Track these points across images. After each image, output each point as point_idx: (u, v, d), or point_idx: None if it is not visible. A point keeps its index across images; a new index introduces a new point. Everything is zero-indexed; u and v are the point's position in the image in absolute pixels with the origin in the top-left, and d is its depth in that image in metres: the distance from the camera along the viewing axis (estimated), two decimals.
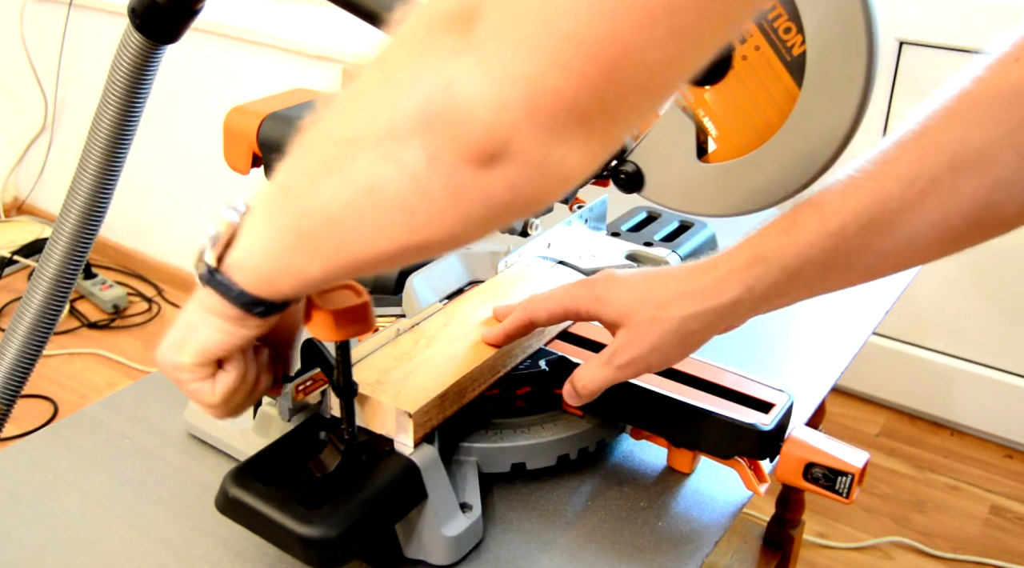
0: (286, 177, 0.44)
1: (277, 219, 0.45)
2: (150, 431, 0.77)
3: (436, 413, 0.63)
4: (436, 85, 0.35)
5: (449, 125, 0.35)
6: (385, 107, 0.37)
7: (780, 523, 1.29)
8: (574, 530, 0.67)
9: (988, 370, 1.94)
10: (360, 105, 0.39)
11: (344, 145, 0.39)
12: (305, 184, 0.42)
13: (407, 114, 0.36)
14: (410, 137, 0.36)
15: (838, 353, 0.89)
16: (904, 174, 0.53)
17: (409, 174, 0.37)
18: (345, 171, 0.39)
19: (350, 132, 0.39)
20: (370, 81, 0.39)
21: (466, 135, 0.35)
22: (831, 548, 1.68)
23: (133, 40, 0.81)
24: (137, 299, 2.53)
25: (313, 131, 0.42)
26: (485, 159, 0.35)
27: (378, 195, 0.39)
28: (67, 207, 0.89)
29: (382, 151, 0.37)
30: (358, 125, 0.39)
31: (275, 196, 0.45)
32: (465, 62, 0.34)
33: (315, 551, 0.55)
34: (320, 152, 0.41)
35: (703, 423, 0.66)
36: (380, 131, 0.37)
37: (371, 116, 0.38)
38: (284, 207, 0.44)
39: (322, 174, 0.41)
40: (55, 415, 2.05)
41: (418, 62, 0.36)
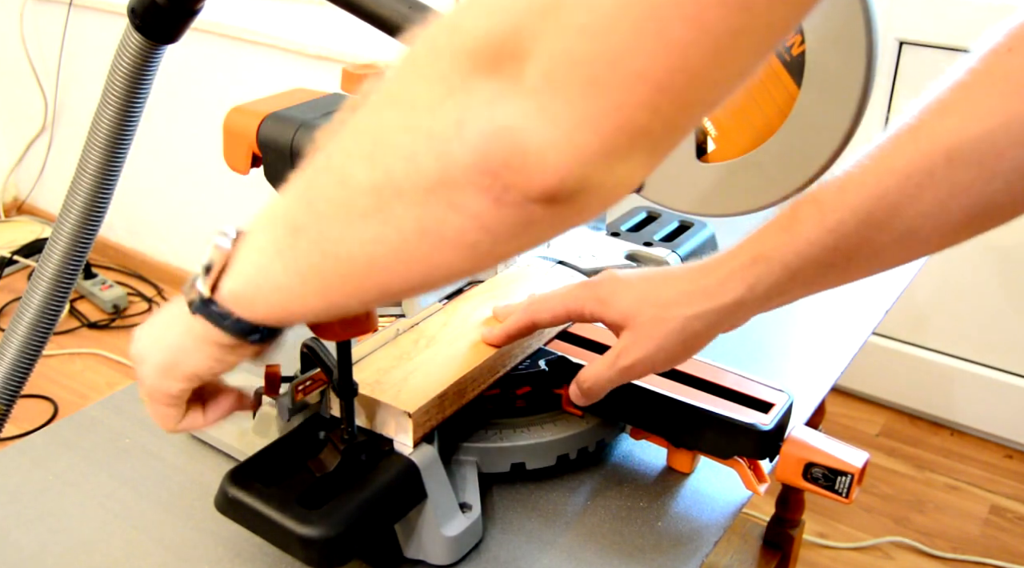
0: (296, 217, 0.42)
1: (292, 261, 0.43)
2: (150, 431, 0.77)
3: (436, 413, 0.63)
4: (493, 134, 0.33)
5: (517, 173, 0.34)
6: (429, 156, 0.35)
7: (780, 523, 1.29)
8: (574, 530, 0.67)
9: (988, 370, 1.94)
10: (388, 151, 0.36)
11: (379, 194, 0.37)
12: (328, 229, 0.40)
13: (463, 164, 0.34)
14: (469, 185, 0.35)
15: (838, 353, 0.89)
16: (901, 168, 0.53)
17: (471, 215, 0.36)
18: (386, 218, 0.37)
19: (382, 180, 0.37)
20: (392, 124, 0.36)
21: (537, 180, 0.34)
22: (831, 548, 1.68)
23: (133, 40, 0.81)
24: (137, 299, 2.53)
25: (323, 174, 0.40)
26: (559, 198, 0.34)
27: (432, 237, 0.37)
28: (67, 207, 0.89)
29: (434, 198, 0.36)
30: (393, 174, 0.36)
31: (285, 236, 0.43)
32: (522, 108, 0.32)
33: (315, 551, 0.55)
34: (343, 198, 0.39)
35: (703, 423, 0.66)
36: (428, 180, 0.35)
37: (411, 165, 0.36)
38: (302, 250, 0.42)
39: (352, 221, 0.39)
40: (55, 415, 2.05)
41: (455, 106, 0.34)
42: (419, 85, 0.35)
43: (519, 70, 0.32)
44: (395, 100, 0.37)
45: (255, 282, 0.46)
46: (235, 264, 0.47)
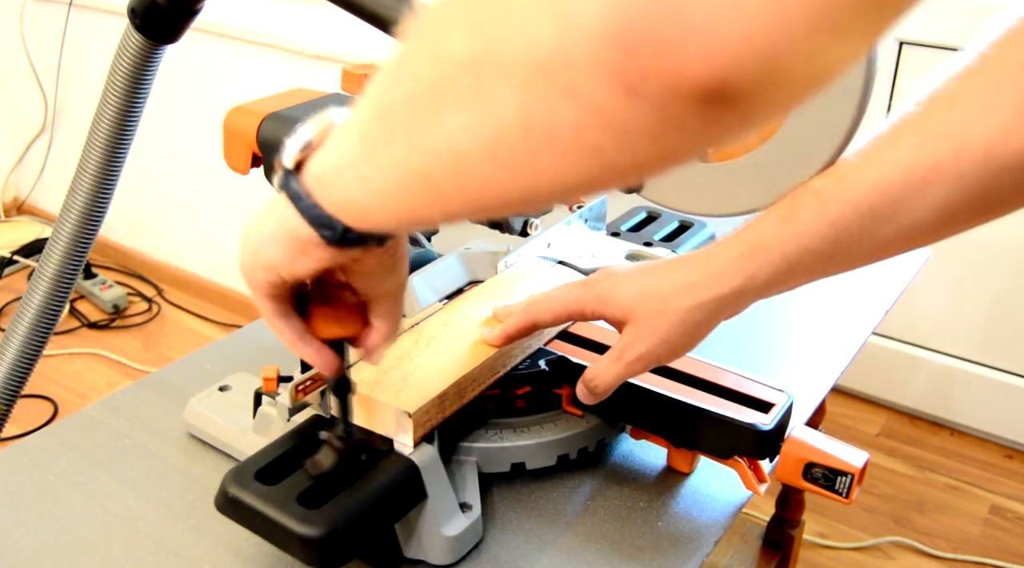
0: (384, 98, 0.36)
1: (375, 150, 0.37)
2: (150, 431, 0.77)
3: (436, 413, 0.63)
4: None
5: (663, 53, 0.24)
6: (543, 20, 0.27)
7: (780, 523, 1.29)
8: (574, 530, 0.67)
9: (988, 370, 1.94)
10: (492, 12, 0.29)
11: (476, 71, 0.30)
12: (415, 115, 0.34)
13: (588, 32, 0.26)
14: (593, 64, 0.26)
15: (838, 353, 0.89)
16: (905, 161, 0.52)
17: (592, 108, 0.27)
18: (483, 104, 0.30)
19: (482, 52, 0.29)
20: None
21: (694, 66, 0.24)
22: (831, 548, 1.68)
23: (133, 40, 0.82)
24: (137, 299, 2.53)
25: (416, 45, 0.33)
26: (724, 95, 0.25)
27: (539, 133, 0.29)
28: (67, 207, 0.89)
29: (545, 79, 0.28)
30: (497, 44, 0.29)
31: (372, 119, 0.37)
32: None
33: (315, 551, 0.55)
34: (433, 76, 0.32)
35: (703, 423, 0.66)
36: (539, 54, 0.27)
37: (519, 33, 0.28)
38: (385, 137, 0.36)
39: (443, 105, 0.32)
40: (55, 415, 2.05)
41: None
42: None
43: None
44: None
45: (337, 166, 0.41)
46: (325, 147, 0.42)
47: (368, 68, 0.80)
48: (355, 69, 0.79)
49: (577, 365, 0.69)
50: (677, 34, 0.24)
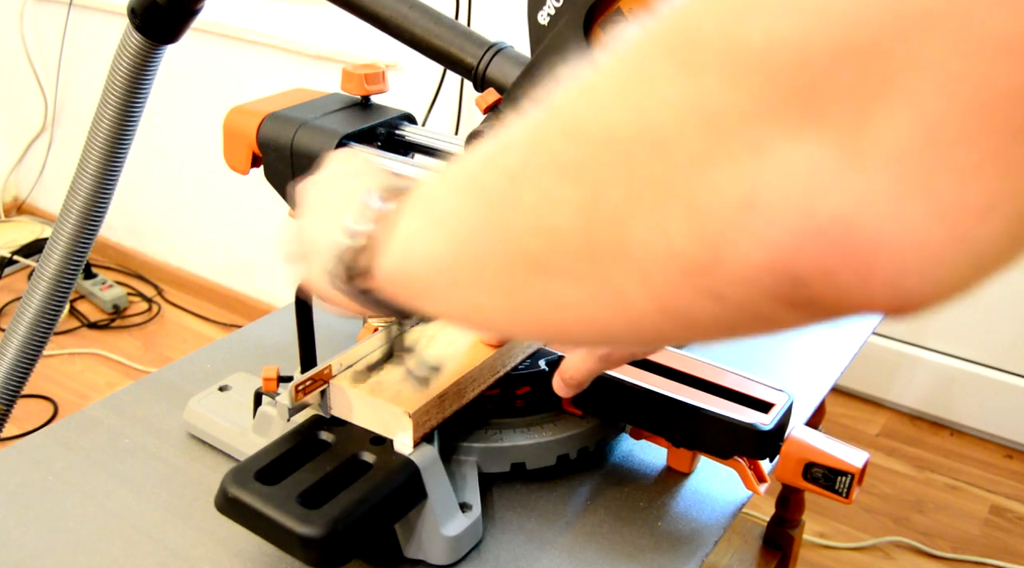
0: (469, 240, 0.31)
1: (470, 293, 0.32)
2: (150, 431, 0.77)
3: (435, 413, 0.63)
4: (811, 230, 0.20)
5: (842, 285, 0.21)
6: (687, 235, 0.23)
7: (780, 523, 1.29)
8: (574, 530, 0.67)
9: (988, 370, 1.94)
10: (622, 211, 0.24)
11: (601, 261, 0.26)
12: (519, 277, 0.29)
13: (748, 263, 0.22)
14: (752, 287, 0.23)
15: (838, 353, 0.89)
16: None
17: (740, 309, 0.24)
18: (604, 286, 0.26)
19: (612, 244, 0.25)
20: (622, 160, 0.24)
21: (878, 295, 0.21)
22: (831, 548, 1.68)
23: (133, 40, 0.82)
24: (137, 299, 2.53)
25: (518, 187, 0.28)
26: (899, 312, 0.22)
27: (673, 318, 0.26)
28: (67, 207, 0.89)
29: (689, 284, 0.24)
30: (629, 244, 0.25)
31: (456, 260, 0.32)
32: (870, 186, 0.19)
33: (315, 551, 0.55)
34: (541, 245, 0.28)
35: (703, 423, 0.66)
36: (682, 263, 0.24)
37: (656, 236, 0.24)
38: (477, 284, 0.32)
39: (552, 278, 0.28)
40: (55, 415, 2.05)
41: (740, 171, 0.21)
42: (667, 109, 0.22)
43: (866, 121, 0.19)
44: (618, 122, 0.24)
45: (414, 285, 0.36)
46: (397, 244, 0.37)
47: (368, 68, 0.80)
48: (355, 69, 0.79)
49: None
50: (861, 278, 0.21)
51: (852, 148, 0.19)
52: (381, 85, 0.80)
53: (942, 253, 0.20)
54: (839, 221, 0.20)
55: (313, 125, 0.76)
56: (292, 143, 0.75)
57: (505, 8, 1.69)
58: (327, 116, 0.77)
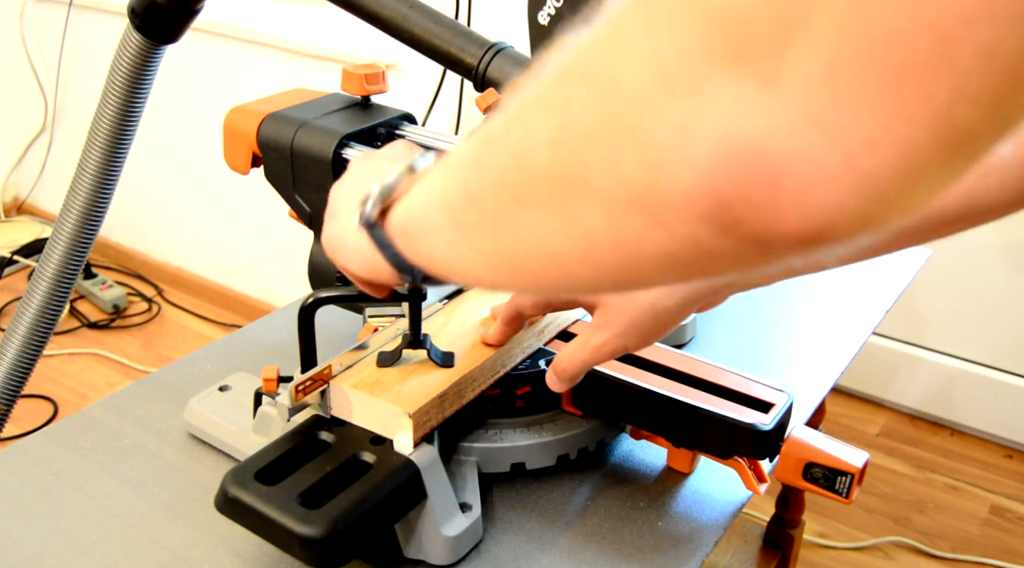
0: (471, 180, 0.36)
1: (462, 225, 0.37)
2: (150, 431, 0.77)
3: (435, 413, 0.63)
4: (732, 153, 0.24)
5: (760, 207, 0.24)
6: (633, 163, 0.26)
7: (780, 523, 1.29)
8: (574, 530, 0.67)
9: (988, 370, 1.94)
10: (578, 140, 0.28)
11: (563, 189, 0.30)
12: (502, 209, 0.34)
13: (682, 185, 0.25)
14: (687, 210, 0.26)
15: (838, 353, 0.89)
16: None
17: (683, 238, 0.27)
18: (571, 217, 0.30)
19: (569, 174, 0.29)
20: (585, 105, 0.28)
21: (791, 219, 0.24)
22: (831, 548, 1.68)
23: (133, 40, 0.82)
24: (137, 299, 2.53)
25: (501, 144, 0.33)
26: (817, 239, 0.25)
27: (628, 249, 0.29)
28: (67, 207, 0.89)
29: (635, 211, 0.28)
30: (584, 170, 0.28)
31: (459, 198, 0.37)
32: (783, 117, 0.23)
33: (315, 551, 0.55)
34: (519, 181, 0.32)
35: (703, 423, 0.66)
36: (629, 191, 0.27)
37: (608, 166, 0.27)
38: (474, 222, 0.36)
39: (530, 208, 0.32)
40: (55, 415, 2.05)
41: (677, 105, 0.25)
42: (623, 59, 0.26)
43: (777, 60, 0.22)
44: (589, 73, 0.27)
45: (423, 225, 0.41)
46: (409, 198, 0.43)
47: (368, 68, 0.80)
48: (355, 69, 0.79)
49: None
50: (771, 196, 0.24)
51: (767, 82, 0.22)
52: (381, 85, 0.80)
53: (838, 177, 0.22)
54: (753, 146, 0.23)
55: (313, 125, 0.76)
56: (292, 143, 0.75)
57: (505, 8, 1.69)
58: (327, 116, 0.77)
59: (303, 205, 0.78)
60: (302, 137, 0.75)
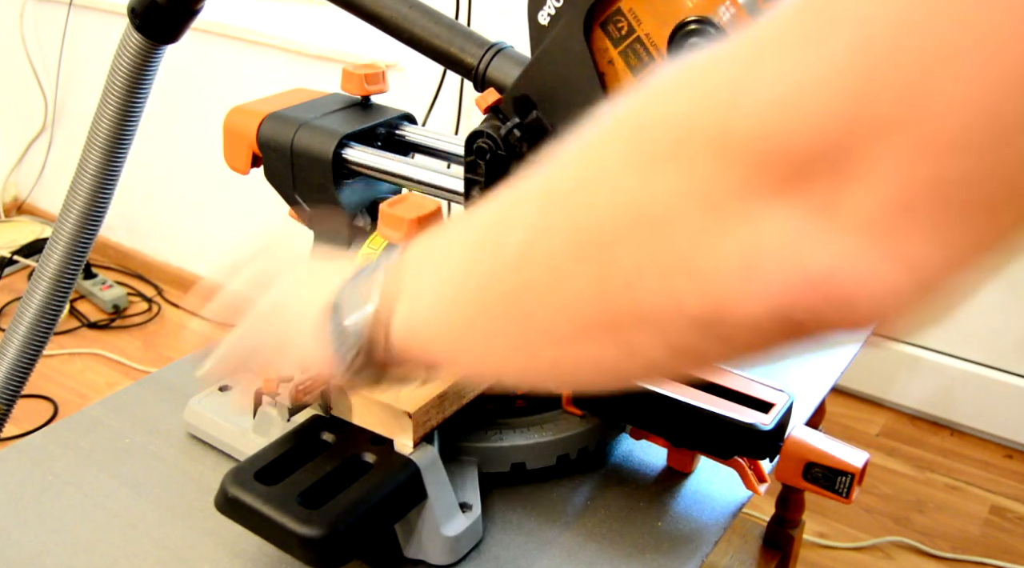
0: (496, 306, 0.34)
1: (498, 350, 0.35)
2: (150, 431, 0.77)
3: (436, 413, 0.63)
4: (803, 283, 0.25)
5: (828, 322, 0.26)
6: (695, 297, 0.27)
7: (780, 523, 1.29)
8: (574, 530, 0.67)
9: (988, 370, 1.94)
10: (625, 276, 0.28)
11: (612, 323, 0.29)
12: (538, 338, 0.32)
13: (752, 315, 0.26)
14: (755, 330, 0.27)
15: (838, 353, 0.89)
16: None
17: (746, 346, 0.28)
18: (621, 345, 0.30)
19: (623, 306, 0.29)
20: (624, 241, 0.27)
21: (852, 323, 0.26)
22: (831, 548, 1.68)
23: (133, 40, 0.82)
24: (137, 299, 2.53)
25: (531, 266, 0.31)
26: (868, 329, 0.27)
27: (686, 357, 0.30)
28: (67, 207, 0.89)
29: (699, 332, 0.28)
30: (636, 304, 0.28)
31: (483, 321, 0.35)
32: (850, 247, 0.23)
33: (315, 551, 0.55)
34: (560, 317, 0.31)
35: (703, 423, 0.66)
36: (692, 318, 0.27)
37: (666, 300, 0.27)
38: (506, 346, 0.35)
39: (571, 339, 0.31)
40: (55, 415, 2.05)
41: (736, 239, 0.25)
42: (662, 188, 0.26)
43: (835, 187, 0.23)
44: (624, 204, 0.27)
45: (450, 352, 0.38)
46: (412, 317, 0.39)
47: (368, 68, 0.80)
48: (355, 69, 0.79)
49: None
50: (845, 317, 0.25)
51: (831, 217, 0.23)
52: (381, 85, 0.80)
53: (909, 297, 0.24)
54: (822, 273, 0.24)
55: (313, 125, 0.76)
56: (292, 143, 0.75)
57: (505, 8, 1.69)
58: (327, 116, 0.77)
59: (303, 205, 0.78)
60: (302, 137, 0.75)
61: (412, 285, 0.39)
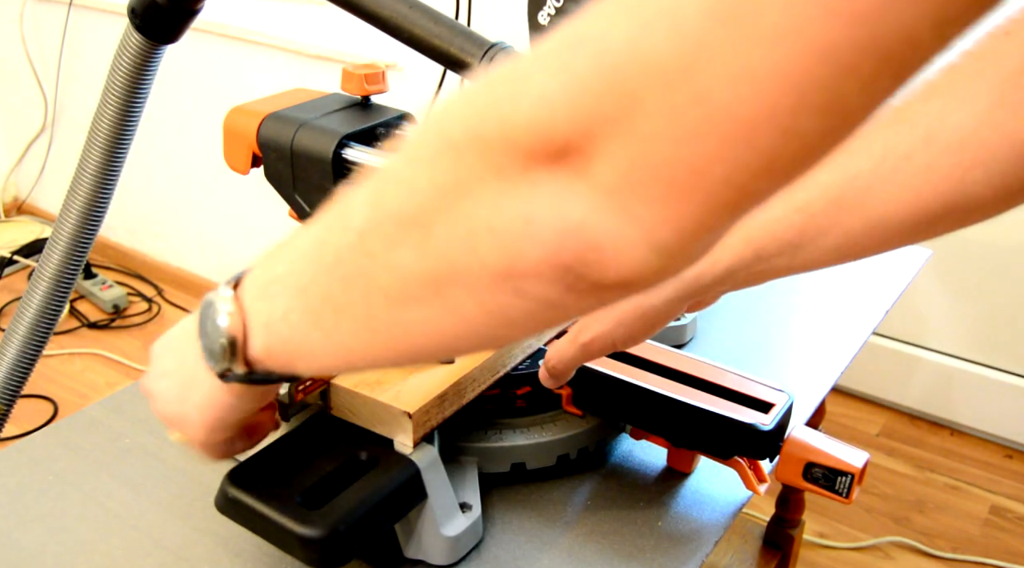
0: (335, 295, 0.40)
1: (336, 335, 0.42)
2: (150, 431, 0.77)
3: (436, 413, 0.63)
4: (565, 231, 0.32)
5: (592, 266, 0.32)
6: (492, 249, 0.34)
7: (780, 523, 1.29)
8: (574, 530, 0.67)
9: (988, 370, 1.94)
10: (442, 240, 0.35)
11: (435, 282, 0.36)
12: (378, 312, 0.39)
13: (533, 259, 0.33)
14: (539, 276, 0.33)
15: (838, 353, 0.89)
16: (878, 150, 0.51)
17: (540, 300, 0.35)
18: (445, 304, 0.36)
19: (438, 269, 0.36)
20: (441, 212, 0.35)
21: (612, 272, 0.32)
22: (831, 548, 1.68)
23: (133, 40, 0.82)
24: (137, 299, 2.53)
25: (361, 256, 0.38)
26: (634, 284, 0.33)
27: (497, 318, 0.36)
28: (67, 207, 0.89)
29: (499, 287, 0.35)
30: (452, 264, 0.35)
31: (325, 312, 0.41)
32: (595, 205, 0.31)
33: (315, 551, 0.55)
34: (392, 284, 0.38)
35: (703, 423, 0.66)
36: (492, 271, 0.34)
37: (472, 257, 0.34)
38: (346, 328, 0.41)
39: (406, 305, 0.37)
40: (55, 415, 2.05)
41: (519, 201, 0.32)
42: (467, 172, 0.33)
43: (586, 164, 0.31)
44: (438, 186, 0.35)
45: (292, 349, 0.44)
46: (260, 328, 0.46)
47: (368, 68, 0.80)
48: (355, 69, 0.79)
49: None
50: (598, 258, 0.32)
51: (583, 184, 0.31)
52: (381, 85, 0.80)
53: (639, 246, 0.31)
54: (580, 224, 0.31)
55: (313, 125, 0.76)
56: (292, 143, 0.75)
57: (505, 8, 1.69)
58: (327, 116, 0.77)
59: (303, 205, 0.78)
60: (302, 137, 0.75)
61: (259, 313, 0.45)
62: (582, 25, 0.31)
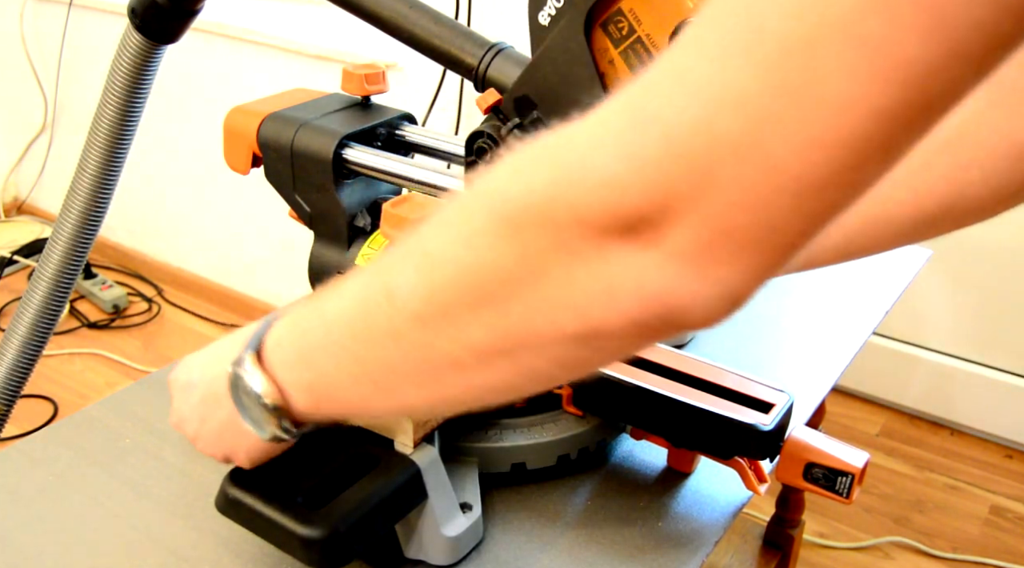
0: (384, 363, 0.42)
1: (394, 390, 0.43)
2: (150, 431, 0.77)
3: None
4: (648, 299, 0.33)
5: (673, 323, 0.34)
6: (574, 322, 0.35)
7: (780, 523, 1.29)
8: (574, 530, 0.67)
9: (988, 370, 1.94)
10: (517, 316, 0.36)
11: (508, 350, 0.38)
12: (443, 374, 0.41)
13: (618, 326, 0.35)
14: (623, 337, 0.35)
15: (838, 353, 0.89)
16: None
17: (618, 350, 0.38)
18: (514, 363, 0.38)
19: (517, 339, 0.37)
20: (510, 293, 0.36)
21: (691, 323, 0.35)
22: (831, 548, 1.68)
23: (133, 40, 0.82)
24: (137, 299, 2.53)
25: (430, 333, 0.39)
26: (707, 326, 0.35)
27: (568, 369, 0.38)
28: (67, 207, 0.89)
29: (580, 346, 0.36)
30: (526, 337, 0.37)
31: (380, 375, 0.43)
32: (675, 272, 0.33)
33: (315, 551, 0.55)
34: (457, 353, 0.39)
35: (703, 423, 0.66)
36: (574, 338, 0.36)
37: (552, 328, 0.36)
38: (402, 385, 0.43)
39: (470, 368, 0.39)
40: (55, 415, 2.05)
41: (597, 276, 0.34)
42: (535, 252, 0.35)
43: (660, 236, 0.32)
44: (504, 267, 0.36)
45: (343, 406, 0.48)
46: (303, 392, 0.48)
47: (368, 68, 0.80)
48: (355, 69, 0.79)
49: None
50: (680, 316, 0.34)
51: (660, 254, 0.32)
52: (381, 85, 0.80)
53: (720, 302, 0.33)
54: (662, 292, 0.33)
55: (313, 125, 0.76)
56: (292, 143, 0.75)
57: (505, 8, 1.69)
58: (327, 116, 0.77)
59: (303, 205, 0.78)
60: (302, 137, 0.75)
61: (300, 379, 0.47)
62: (640, 102, 0.32)
